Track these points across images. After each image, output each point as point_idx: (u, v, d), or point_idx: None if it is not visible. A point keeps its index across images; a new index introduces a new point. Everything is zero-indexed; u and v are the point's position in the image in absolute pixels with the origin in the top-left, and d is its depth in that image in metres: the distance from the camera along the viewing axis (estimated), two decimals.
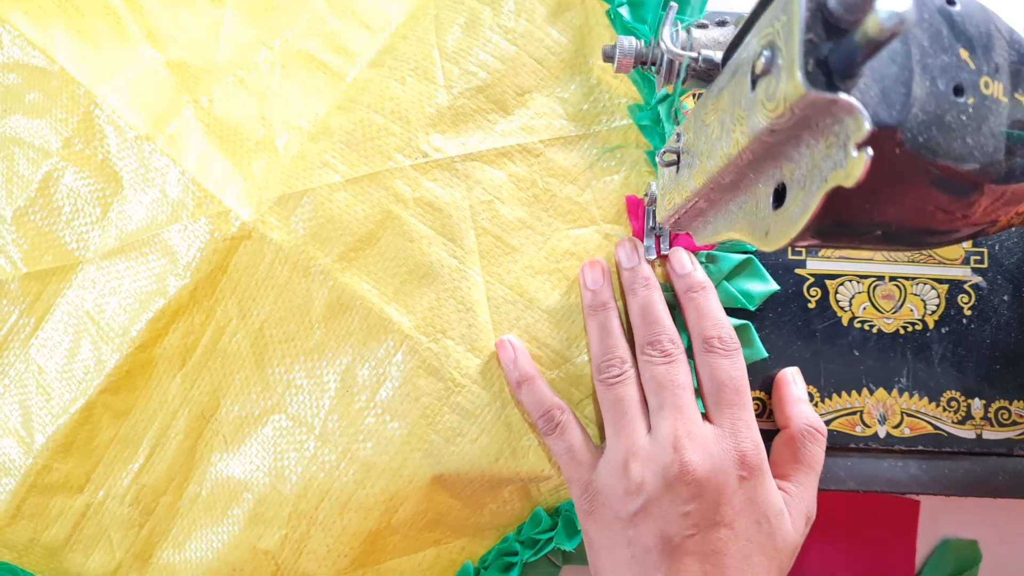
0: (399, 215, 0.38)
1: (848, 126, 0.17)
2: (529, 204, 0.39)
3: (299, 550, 0.37)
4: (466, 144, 0.39)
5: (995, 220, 0.22)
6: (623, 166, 0.40)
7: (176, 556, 0.38)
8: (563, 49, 0.40)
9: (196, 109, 0.39)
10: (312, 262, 0.37)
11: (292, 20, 0.40)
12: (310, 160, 0.38)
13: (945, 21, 0.20)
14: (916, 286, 0.39)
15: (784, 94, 0.17)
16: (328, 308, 0.37)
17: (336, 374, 0.38)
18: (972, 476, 0.38)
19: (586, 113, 0.40)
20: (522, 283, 0.38)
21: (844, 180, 0.17)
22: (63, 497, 0.38)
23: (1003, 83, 0.20)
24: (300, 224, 0.37)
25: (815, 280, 0.39)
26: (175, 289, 0.37)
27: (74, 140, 0.39)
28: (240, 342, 0.38)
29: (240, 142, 0.38)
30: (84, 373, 0.37)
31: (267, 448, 0.38)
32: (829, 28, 0.17)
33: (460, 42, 0.39)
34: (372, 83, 0.39)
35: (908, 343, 0.39)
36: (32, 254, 0.38)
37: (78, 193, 0.39)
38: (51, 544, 0.38)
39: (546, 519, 0.37)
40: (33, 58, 0.39)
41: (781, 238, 0.20)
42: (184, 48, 0.40)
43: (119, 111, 0.38)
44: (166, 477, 0.38)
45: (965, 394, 0.38)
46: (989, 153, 0.20)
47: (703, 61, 0.25)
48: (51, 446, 0.37)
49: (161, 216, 0.38)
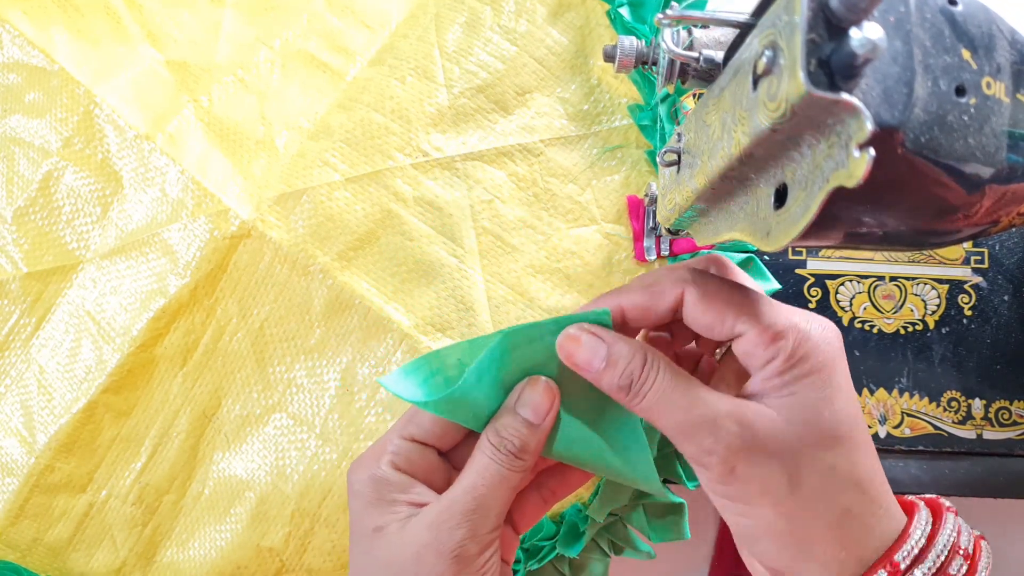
0: (399, 214, 0.38)
1: (850, 126, 0.17)
2: (529, 203, 0.39)
3: (303, 547, 0.37)
4: (466, 143, 0.39)
5: (996, 220, 0.22)
6: (623, 166, 0.40)
7: (180, 555, 0.38)
8: (564, 49, 0.40)
9: (196, 108, 0.39)
10: (312, 261, 0.37)
11: (292, 19, 0.40)
12: (310, 159, 0.38)
13: (947, 21, 0.20)
14: (916, 286, 0.39)
15: (786, 94, 0.17)
16: (328, 307, 0.37)
17: (336, 373, 0.38)
18: (972, 476, 0.38)
19: (587, 113, 0.40)
20: (522, 282, 0.38)
21: (846, 180, 0.17)
22: (66, 497, 0.38)
23: (1005, 83, 0.20)
24: (300, 223, 0.37)
25: (815, 280, 0.39)
26: (175, 288, 0.37)
27: (74, 140, 0.39)
28: (241, 341, 0.38)
29: (240, 141, 0.38)
30: (85, 373, 0.37)
31: (269, 447, 0.38)
32: (831, 28, 0.17)
33: (461, 42, 0.39)
34: (372, 82, 0.39)
35: (908, 343, 0.39)
36: (33, 254, 0.38)
37: (78, 193, 0.39)
38: (54, 544, 0.38)
39: (549, 525, 0.37)
40: (33, 58, 0.39)
41: (782, 238, 0.20)
42: (184, 47, 0.40)
43: (119, 110, 0.38)
44: (169, 476, 0.38)
45: (965, 394, 0.38)
46: (991, 153, 0.20)
47: (704, 61, 0.25)
48: (53, 446, 0.37)
49: (161, 215, 0.38)
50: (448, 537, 0.25)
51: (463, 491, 0.26)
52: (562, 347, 0.26)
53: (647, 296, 0.27)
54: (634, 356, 0.25)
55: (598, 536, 0.37)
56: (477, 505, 0.26)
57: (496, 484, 0.26)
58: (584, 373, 0.26)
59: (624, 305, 0.27)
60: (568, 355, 0.26)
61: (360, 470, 0.28)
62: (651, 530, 0.37)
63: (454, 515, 0.26)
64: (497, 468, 0.26)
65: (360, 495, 0.27)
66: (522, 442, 0.27)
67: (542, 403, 0.27)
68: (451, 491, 0.27)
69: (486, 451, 0.27)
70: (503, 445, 0.27)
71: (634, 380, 0.25)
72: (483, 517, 0.26)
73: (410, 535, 0.26)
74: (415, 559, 0.26)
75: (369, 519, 0.27)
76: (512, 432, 0.27)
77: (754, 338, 0.25)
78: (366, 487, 0.27)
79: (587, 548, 0.37)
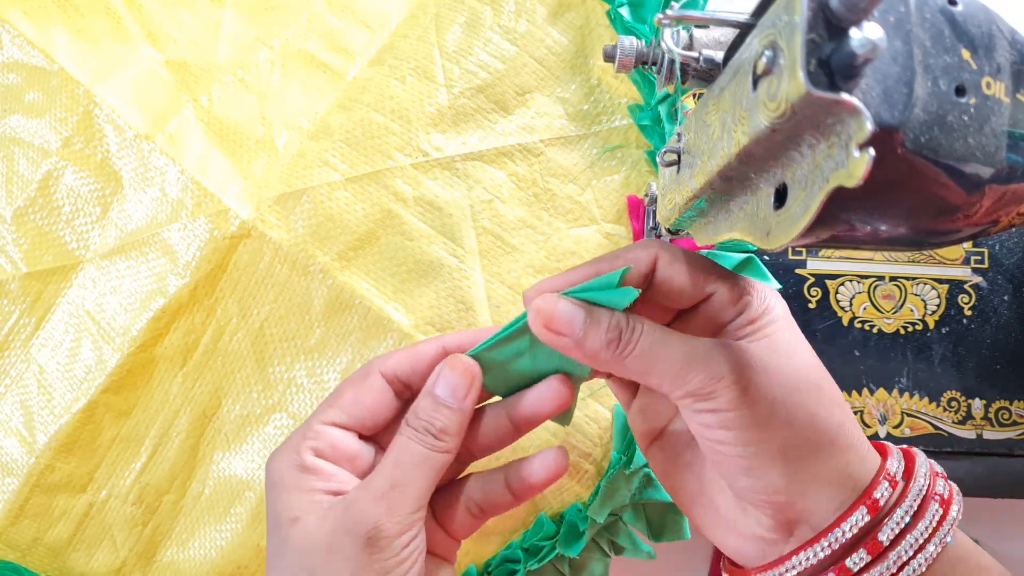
0: (399, 214, 0.38)
1: (850, 126, 0.17)
2: (529, 203, 0.39)
3: None
4: (466, 143, 0.39)
5: (996, 220, 0.22)
6: (623, 166, 0.40)
7: (180, 554, 0.38)
8: (564, 49, 0.40)
9: (196, 108, 0.39)
10: (311, 261, 0.37)
11: (292, 19, 0.40)
12: (310, 159, 0.38)
13: (947, 21, 0.19)
14: (916, 286, 0.39)
15: (786, 94, 0.17)
16: (328, 307, 0.37)
17: (336, 373, 0.38)
18: (972, 476, 0.38)
19: (586, 113, 0.40)
20: (522, 282, 0.38)
21: (846, 180, 0.17)
22: (66, 496, 0.38)
23: (1005, 83, 0.20)
24: (300, 223, 0.37)
25: (815, 280, 0.39)
26: (175, 288, 0.37)
27: (74, 139, 0.38)
28: (241, 341, 0.38)
29: (240, 141, 0.38)
30: (85, 373, 0.37)
31: (269, 447, 0.38)
32: (831, 28, 0.17)
33: (461, 42, 0.39)
34: (372, 82, 0.39)
35: (908, 343, 0.39)
36: (32, 254, 0.38)
37: (78, 193, 0.39)
38: (54, 543, 0.38)
39: (549, 525, 0.37)
40: (33, 58, 0.39)
41: (782, 238, 0.20)
42: (184, 47, 0.40)
43: (119, 110, 0.38)
44: (169, 476, 0.38)
45: (965, 394, 0.38)
46: (991, 153, 0.20)
47: (704, 61, 0.25)
48: (53, 446, 0.37)
49: (161, 215, 0.38)
50: (362, 517, 0.24)
51: (379, 471, 0.25)
52: (540, 313, 0.25)
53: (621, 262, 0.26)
54: (615, 313, 0.25)
55: (598, 536, 0.37)
56: (393, 483, 0.25)
57: (414, 464, 0.25)
58: (563, 340, 0.25)
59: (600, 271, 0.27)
60: (546, 321, 0.25)
61: (278, 459, 0.27)
62: (651, 530, 0.37)
63: (370, 493, 0.25)
64: (416, 447, 0.26)
65: (277, 485, 0.26)
66: (442, 424, 0.26)
67: (460, 385, 0.27)
68: (371, 475, 0.26)
69: (404, 431, 0.26)
70: (420, 426, 0.26)
71: (623, 330, 0.24)
72: (400, 496, 0.25)
73: (327, 520, 0.25)
74: (327, 543, 0.24)
75: (286, 510, 0.25)
76: (429, 414, 0.26)
77: (725, 295, 0.26)
78: (285, 476, 0.26)
79: (587, 548, 0.37)
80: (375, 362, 0.28)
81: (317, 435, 0.27)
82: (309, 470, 0.26)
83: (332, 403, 0.27)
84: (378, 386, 0.28)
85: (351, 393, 0.28)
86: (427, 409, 0.26)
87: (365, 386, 0.28)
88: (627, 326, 0.25)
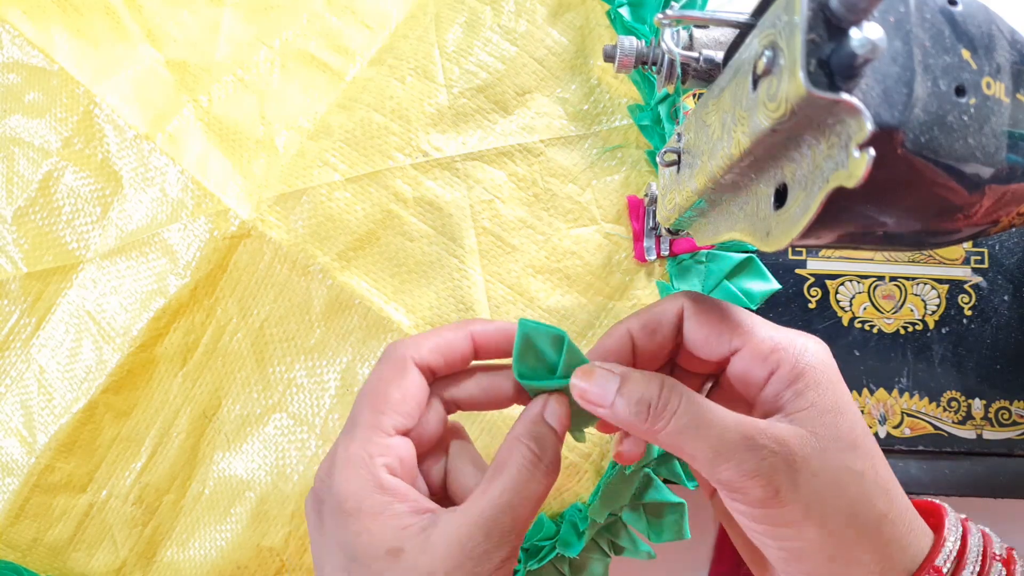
0: (399, 214, 0.38)
1: (850, 126, 0.17)
2: (529, 204, 0.39)
3: (303, 547, 0.37)
4: (466, 143, 0.39)
5: (996, 220, 0.22)
6: (623, 166, 0.40)
7: (180, 554, 0.38)
8: (563, 49, 0.40)
9: (196, 108, 0.39)
10: (311, 261, 0.37)
11: (292, 19, 0.40)
12: (310, 159, 0.38)
13: (947, 21, 0.20)
14: (916, 286, 0.39)
15: (786, 94, 0.17)
16: (328, 307, 0.37)
17: (336, 373, 0.38)
18: (972, 476, 0.38)
19: (586, 113, 0.40)
20: (522, 282, 0.38)
21: (846, 180, 0.17)
22: (66, 496, 0.38)
23: (1005, 83, 0.20)
24: (299, 223, 0.37)
25: (815, 280, 0.39)
26: (175, 288, 0.37)
27: (74, 139, 0.39)
28: (241, 341, 0.38)
29: (240, 141, 0.38)
30: (86, 373, 0.37)
31: (269, 447, 0.38)
32: (831, 28, 0.17)
33: (460, 42, 0.39)
34: (372, 82, 0.39)
35: (908, 343, 0.39)
36: (33, 254, 0.38)
37: (78, 193, 0.39)
38: (55, 543, 0.38)
39: (549, 525, 0.37)
40: (33, 58, 0.39)
41: (782, 238, 0.20)
42: (184, 47, 0.40)
43: (119, 110, 0.38)
44: (169, 476, 0.38)
45: (965, 394, 0.38)
46: (991, 153, 0.20)
47: (704, 61, 0.25)
48: (53, 446, 0.37)
49: (161, 215, 0.38)
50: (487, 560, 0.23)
51: (498, 508, 0.23)
52: (574, 387, 0.25)
53: (650, 315, 0.27)
54: (649, 381, 0.24)
55: (598, 536, 0.37)
56: (514, 522, 0.23)
57: (534, 499, 0.24)
58: (598, 410, 0.24)
59: (631, 328, 0.27)
60: (581, 393, 0.24)
61: (350, 481, 0.24)
62: (651, 530, 0.37)
63: (491, 534, 0.23)
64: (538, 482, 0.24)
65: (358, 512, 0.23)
66: (555, 453, 0.25)
67: (564, 415, 0.26)
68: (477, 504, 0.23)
69: (525, 463, 0.24)
70: (545, 457, 0.24)
71: (652, 404, 0.23)
72: (518, 536, 0.23)
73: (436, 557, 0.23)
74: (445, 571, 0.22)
75: (380, 541, 0.23)
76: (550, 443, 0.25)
77: (751, 350, 0.25)
78: (365, 502, 0.23)
79: (587, 548, 0.37)
80: (406, 352, 0.26)
81: (386, 450, 0.24)
82: (389, 492, 0.24)
83: (381, 406, 0.25)
84: (419, 381, 0.26)
85: (397, 392, 0.25)
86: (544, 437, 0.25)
87: (408, 383, 0.26)
88: (657, 400, 0.23)
